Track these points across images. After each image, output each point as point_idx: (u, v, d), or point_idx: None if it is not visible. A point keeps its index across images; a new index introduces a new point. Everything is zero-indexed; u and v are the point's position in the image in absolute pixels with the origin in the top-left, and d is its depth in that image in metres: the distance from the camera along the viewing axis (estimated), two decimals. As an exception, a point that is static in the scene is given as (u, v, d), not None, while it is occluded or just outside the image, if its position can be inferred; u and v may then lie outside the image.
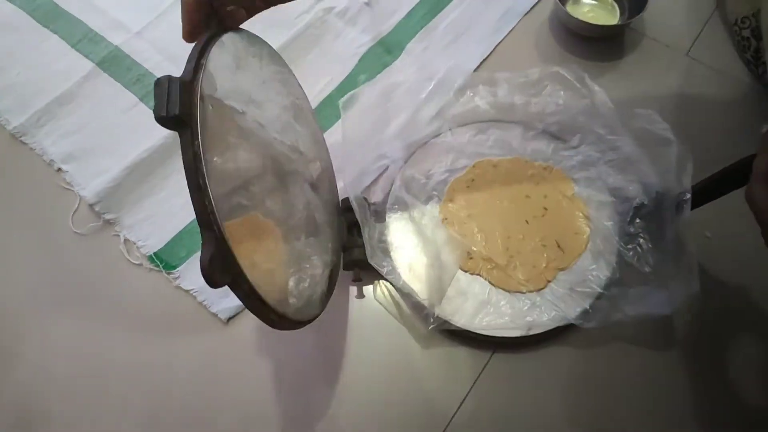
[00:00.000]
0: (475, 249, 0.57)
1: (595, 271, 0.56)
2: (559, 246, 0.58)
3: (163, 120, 0.35)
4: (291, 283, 0.46)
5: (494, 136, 0.64)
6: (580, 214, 0.59)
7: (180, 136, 0.35)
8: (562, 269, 0.57)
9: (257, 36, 0.48)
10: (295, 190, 0.50)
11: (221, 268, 0.35)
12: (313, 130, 0.57)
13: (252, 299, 0.38)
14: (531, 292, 0.56)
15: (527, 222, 0.59)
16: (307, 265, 0.50)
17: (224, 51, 0.42)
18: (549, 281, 0.56)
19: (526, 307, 0.55)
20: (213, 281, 0.34)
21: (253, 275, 0.37)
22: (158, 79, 0.36)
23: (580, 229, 0.58)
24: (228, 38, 0.43)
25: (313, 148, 0.55)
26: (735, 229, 0.59)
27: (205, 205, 0.35)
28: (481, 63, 0.71)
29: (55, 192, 0.65)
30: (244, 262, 0.36)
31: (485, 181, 0.61)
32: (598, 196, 0.60)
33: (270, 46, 0.50)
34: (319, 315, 0.49)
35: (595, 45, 0.71)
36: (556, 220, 0.59)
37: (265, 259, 0.43)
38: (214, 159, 0.37)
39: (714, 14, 0.72)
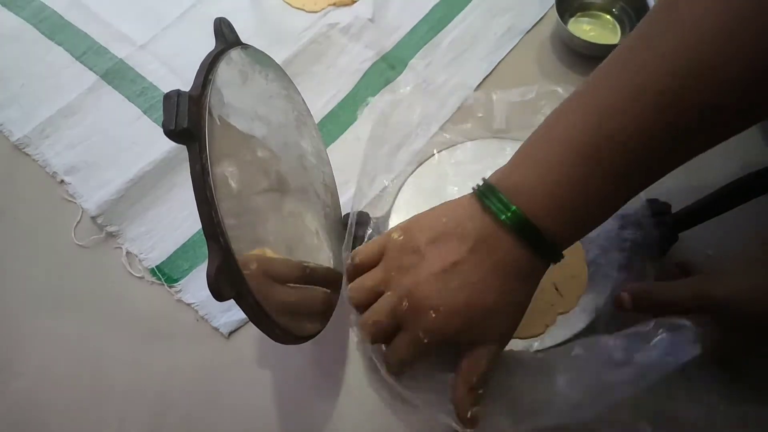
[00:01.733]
0: None
1: (596, 313, 0.54)
2: (557, 290, 0.56)
3: (171, 133, 0.35)
4: (295, 298, 0.46)
5: (491, 155, 0.64)
6: (577, 255, 0.58)
7: (188, 150, 0.36)
8: (561, 313, 0.55)
9: (263, 52, 0.49)
10: (299, 206, 0.50)
11: (227, 281, 0.35)
12: (316, 145, 0.57)
13: (257, 313, 0.38)
14: (529, 338, 0.54)
15: None
16: (311, 280, 0.50)
17: (232, 66, 0.42)
18: (548, 326, 0.55)
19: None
20: (219, 293, 0.34)
21: (259, 289, 0.37)
22: (167, 93, 0.36)
23: (578, 271, 0.57)
24: (235, 53, 0.43)
25: (317, 164, 0.56)
26: (736, 246, 0.59)
27: (212, 217, 0.35)
28: (484, 80, 0.72)
29: (58, 204, 0.65)
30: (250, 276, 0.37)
31: None
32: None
33: (275, 61, 0.51)
34: (322, 330, 0.49)
35: (596, 63, 0.70)
36: None
37: (270, 273, 0.43)
38: (221, 172, 0.37)
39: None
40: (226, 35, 0.44)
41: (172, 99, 0.36)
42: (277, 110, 0.50)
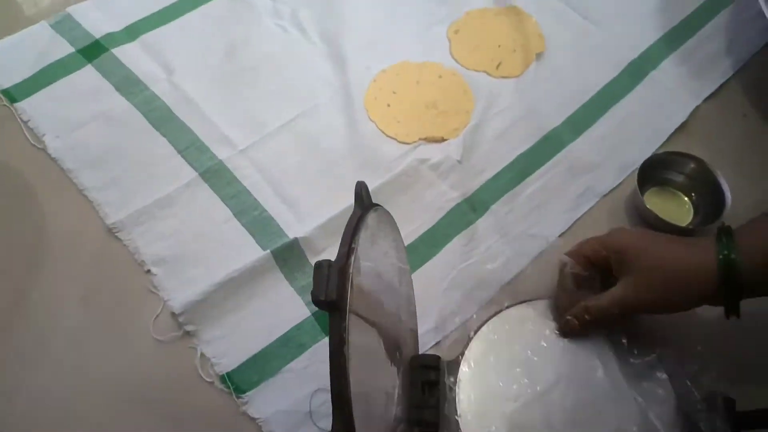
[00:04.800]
0: None
1: None
2: None
3: (320, 303, 0.38)
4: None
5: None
6: None
7: (330, 319, 0.38)
8: None
9: (387, 211, 0.51)
10: (393, 359, 0.52)
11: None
12: (408, 291, 0.59)
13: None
14: None
15: None
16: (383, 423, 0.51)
17: (366, 231, 0.45)
18: None
19: None
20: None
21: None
22: (318, 261, 0.39)
23: None
24: (371, 217, 0.46)
25: (407, 312, 0.58)
26: None
27: (344, 388, 0.37)
28: (559, 236, 0.74)
29: (142, 293, 0.68)
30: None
31: None
32: None
33: (392, 216, 0.53)
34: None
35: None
36: None
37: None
38: (353, 342, 0.39)
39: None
40: (363, 198, 0.47)
41: (324, 269, 0.38)
42: (388, 265, 0.52)
